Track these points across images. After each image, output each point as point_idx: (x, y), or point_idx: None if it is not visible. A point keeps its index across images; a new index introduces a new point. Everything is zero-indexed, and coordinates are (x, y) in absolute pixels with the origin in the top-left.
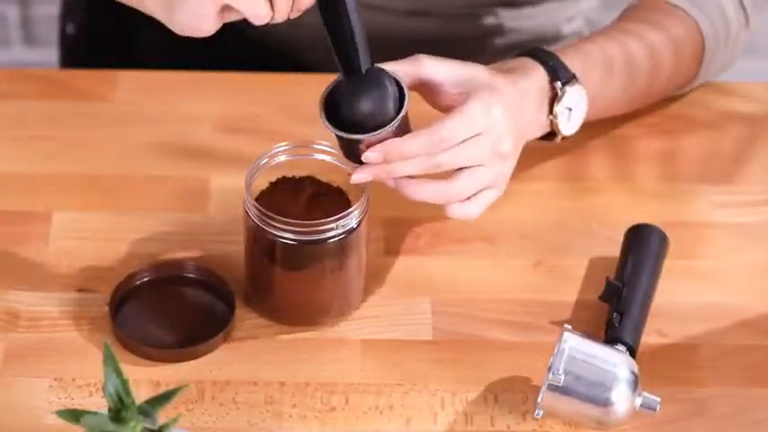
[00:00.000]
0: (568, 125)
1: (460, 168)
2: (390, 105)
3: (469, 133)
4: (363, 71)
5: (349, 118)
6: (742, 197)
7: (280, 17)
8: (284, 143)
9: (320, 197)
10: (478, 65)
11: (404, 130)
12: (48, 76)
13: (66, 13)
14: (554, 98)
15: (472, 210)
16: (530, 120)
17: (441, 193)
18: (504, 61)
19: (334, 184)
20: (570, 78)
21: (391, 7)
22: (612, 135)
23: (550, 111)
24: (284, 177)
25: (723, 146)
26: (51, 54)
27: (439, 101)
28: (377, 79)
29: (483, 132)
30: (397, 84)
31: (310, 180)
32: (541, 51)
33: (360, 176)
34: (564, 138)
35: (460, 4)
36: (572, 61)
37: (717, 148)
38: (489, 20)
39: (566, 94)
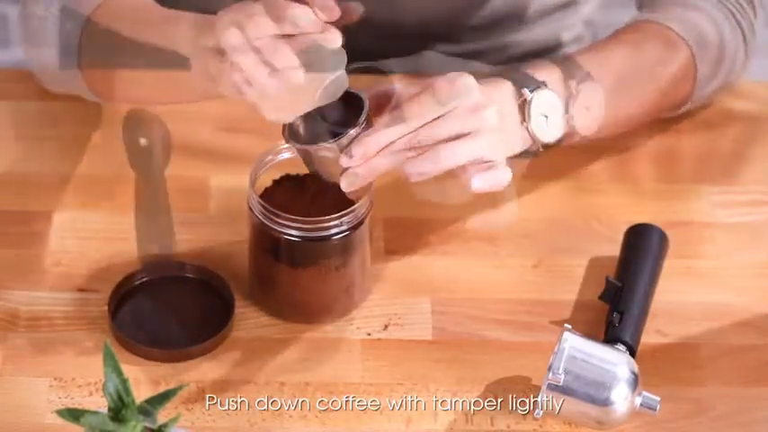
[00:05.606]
0: (547, 132)
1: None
2: (350, 111)
3: (441, 100)
4: None
5: (314, 131)
6: (742, 197)
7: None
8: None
9: (324, 194)
10: None
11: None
12: None
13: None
14: (523, 105)
15: (499, 176)
16: (507, 125)
17: (433, 161)
18: None
19: (338, 182)
20: (538, 85)
21: (399, 34)
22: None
23: (523, 119)
24: (288, 175)
25: (723, 146)
26: None
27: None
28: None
29: (457, 104)
30: (354, 96)
31: (314, 177)
32: (509, 69)
33: (349, 181)
34: (546, 146)
35: (464, 25)
36: (554, 73)
37: (717, 148)
38: (493, 37)
39: (534, 99)
